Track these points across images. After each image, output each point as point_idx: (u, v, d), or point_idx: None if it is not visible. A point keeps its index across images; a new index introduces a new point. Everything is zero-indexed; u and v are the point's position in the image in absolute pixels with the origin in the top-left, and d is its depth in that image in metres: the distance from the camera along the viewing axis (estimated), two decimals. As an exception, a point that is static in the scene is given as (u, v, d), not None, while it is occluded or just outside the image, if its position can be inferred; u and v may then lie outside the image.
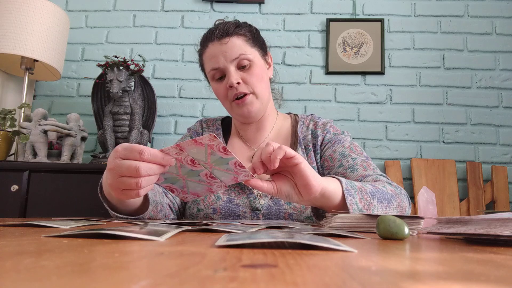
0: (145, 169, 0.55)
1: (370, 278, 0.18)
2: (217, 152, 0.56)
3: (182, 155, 0.57)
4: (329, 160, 0.90)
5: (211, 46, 0.89)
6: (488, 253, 0.31)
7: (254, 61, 0.89)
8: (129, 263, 0.21)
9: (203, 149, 0.56)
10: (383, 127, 1.83)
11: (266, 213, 0.85)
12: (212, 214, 0.86)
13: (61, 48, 1.67)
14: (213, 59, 0.89)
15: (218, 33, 0.88)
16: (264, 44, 0.96)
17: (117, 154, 0.58)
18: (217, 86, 0.92)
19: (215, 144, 0.55)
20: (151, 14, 1.97)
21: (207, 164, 0.59)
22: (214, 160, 0.58)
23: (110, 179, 0.58)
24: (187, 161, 0.58)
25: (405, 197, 0.78)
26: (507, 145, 1.78)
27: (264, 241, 0.28)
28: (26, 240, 0.30)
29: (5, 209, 1.32)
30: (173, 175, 0.62)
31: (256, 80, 0.88)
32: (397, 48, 1.88)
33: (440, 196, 1.68)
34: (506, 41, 1.86)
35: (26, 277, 0.16)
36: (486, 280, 0.19)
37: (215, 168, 0.60)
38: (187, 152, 0.56)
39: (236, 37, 0.89)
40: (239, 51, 0.87)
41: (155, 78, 1.91)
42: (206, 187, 0.64)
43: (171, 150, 0.56)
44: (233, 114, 0.95)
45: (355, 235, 0.42)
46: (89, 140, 1.82)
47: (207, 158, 0.58)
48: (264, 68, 0.93)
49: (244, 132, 0.99)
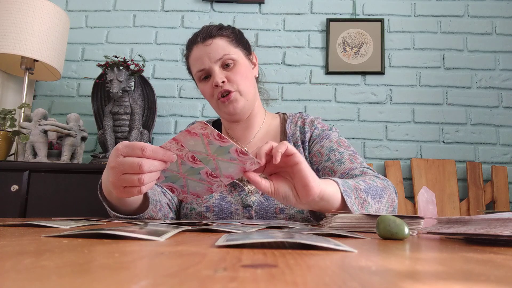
0: (147, 165, 0.55)
1: (370, 278, 0.18)
2: (213, 141, 0.56)
3: (183, 151, 0.57)
4: (317, 155, 0.92)
5: (196, 48, 0.93)
6: (488, 253, 0.31)
7: (238, 60, 0.92)
8: (129, 263, 0.21)
9: (200, 140, 0.56)
10: (383, 127, 1.83)
11: (258, 209, 0.87)
12: (206, 212, 0.88)
13: (61, 48, 1.67)
14: (198, 61, 0.92)
15: (201, 36, 0.92)
16: (248, 45, 0.99)
17: (118, 152, 0.58)
18: (203, 87, 0.95)
19: (209, 132, 0.55)
20: (151, 14, 1.97)
21: (209, 156, 0.59)
22: (214, 150, 0.57)
23: (112, 177, 0.58)
24: (188, 157, 0.58)
25: (393, 188, 0.80)
26: (507, 145, 1.78)
27: (264, 241, 0.28)
28: (26, 240, 0.30)
29: (5, 209, 1.32)
30: (173, 173, 0.62)
31: (240, 78, 0.91)
32: (397, 48, 1.88)
33: (440, 196, 1.68)
34: (506, 41, 1.86)
35: (26, 277, 0.16)
36: (486, 280, 0.19)
37: (219, 160, 0.59)
38: (187, 146, 0.57)
39: (219, 38, 0.92)
40: (222, 52, 0.90)
41: (155, 78, 1.91)
42: (206, 186, 0.64)
43: (172, 146, 0.56)
44: (220, 113, 0.97)
45: (355, 235, 0.42)
46: (89, 140, 1.82)
47: (207, 149, 0.57)
48: (249, 67, 0.96)
49: (232, 131, 1.02)
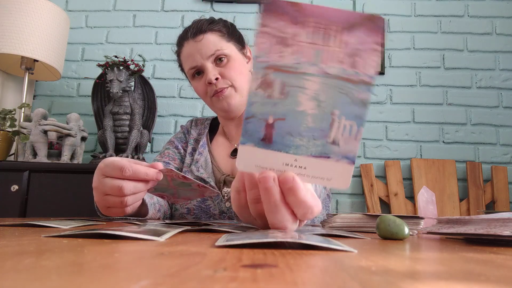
0: (128, 189, 0.53)
1: (370, 278, 0.18)
2: (177, 179, 0.60)
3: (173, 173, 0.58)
4: None
5: (187, 45, 0.90)
6: (488, 253, 0.31)
7: (231, 55, 0.89)
8: (129, 263, 0.21)
9: (164, 179, 0.59)
10: (383, 127, 1.83)
11: (232, 216, 0.86)
12: (187, 214, 0.88)
13: (61, 48, 1.67)
14: (190, 58, 0.89)
15: (192, 32, 0.89)
16: (241, 38, 0.96)
17: (100, 171, 0.56)
18: (196, 84, 0.92)
19: (174, 174, 0.58)
20: (151, 14, 1.97)
21: (169, 186, 0.61)
22: (176, 183, 0.61)
23: (96, 197, 0.58)
24: (178, 176, 0.59)
25: None
26: (507, 145, 1.78)
27: (264, 241, 0.28)
28: (26, 240, 0.30)
29: (5, 209, 1.32)
30: (163, 186, 0.62)
31: (234, 73, 0.89)
32: (397, 48, 1.88)
33: (440, 196, 1.68)
34: (506, 41, 1.86)
35: (26, 277, 0.16)
36: (486, 280, 0.19)
37: (179, 189, 0.62)
38: None
39: (210, 33, 0.89)
40: (214, 47, 0.87)
41: (155, 78, 1.91)
42: (198, 193, 0.64)
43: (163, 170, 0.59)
44: (214, 109, 0.95)
45: (355, 235, 0.42)
46: (89, 140, 1.82)
47: (169, 183, 0.61)
48: (243, 62, 0.93)
49: (227, 128, 1.00)
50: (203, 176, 0.89)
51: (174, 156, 0.97)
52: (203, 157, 0.93)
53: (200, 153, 0.95)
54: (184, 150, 0.99)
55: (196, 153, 0.95)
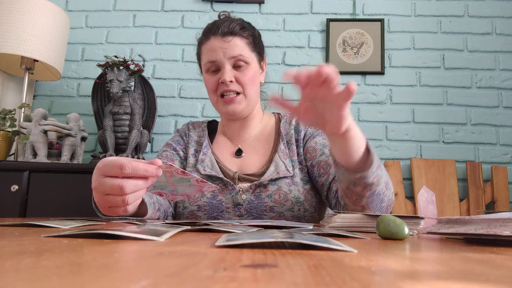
0: (129, 187, 0.53)
1: (370, 278, 0.18)
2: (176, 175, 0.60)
3: (172, 169, 0.59)
4: (311, 151, 0.92)
5: (213, 39, 0.91)
6: (488, 253, 0.31)
7: (251, 64, 0.92)
8: (129, 263, 0.21)
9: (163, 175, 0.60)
10: (383, 127, 1.83)
11: (248, 207, 0.87)
12: (197, 211, 0.88)
13: (61, 48, 1.67)
14: (212, 52, 0.91)
15: (223, 30, 0.91)
16: (262, 50, 1.00)
17: (99, 171, 0.56)
18: (209, 78, 0.93)
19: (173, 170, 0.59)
20: (151, 14, 1.97)
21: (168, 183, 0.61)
22: (175, 180, 0.61)
23: (96, 197, 0.57)
24: (178, 172, 0.59)
25: None
26: (507, 145, 1.78)
27: (264, 241, 0.28)
28: (26, 240, 0.30)
29: (5, 209, 1.32)
30: (162, 183, 0.63)
31: (248, 81, 0.91)
32: (397, 48, 1.88)
33: (440, 196, 1.68)
34: (506, 41, 1.86)
35: (26, 277, 0.16)
36: (486, 280, 0.19)
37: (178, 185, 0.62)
38: None
39: (240, 38, 0.91)
40: (238, 52, 0.90)
41: (155, 78, 1.91)
42: (197, 189, 0.65)
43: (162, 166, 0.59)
44: (218, 109, 0.97)
45: (355, 235, 0.42)
46: (89, 140, 1.82)
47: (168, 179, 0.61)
48: (258, 73, 0.96)
49: (228, 129, 1.02)
50: (212, 174, 0.90)
51: (172, 158, 0.97)
52: (207, 157, 0.95)
53: (204, 153, 0.97)
54: (183, 152, 1.00)
55: (200, 154, 0.97)
